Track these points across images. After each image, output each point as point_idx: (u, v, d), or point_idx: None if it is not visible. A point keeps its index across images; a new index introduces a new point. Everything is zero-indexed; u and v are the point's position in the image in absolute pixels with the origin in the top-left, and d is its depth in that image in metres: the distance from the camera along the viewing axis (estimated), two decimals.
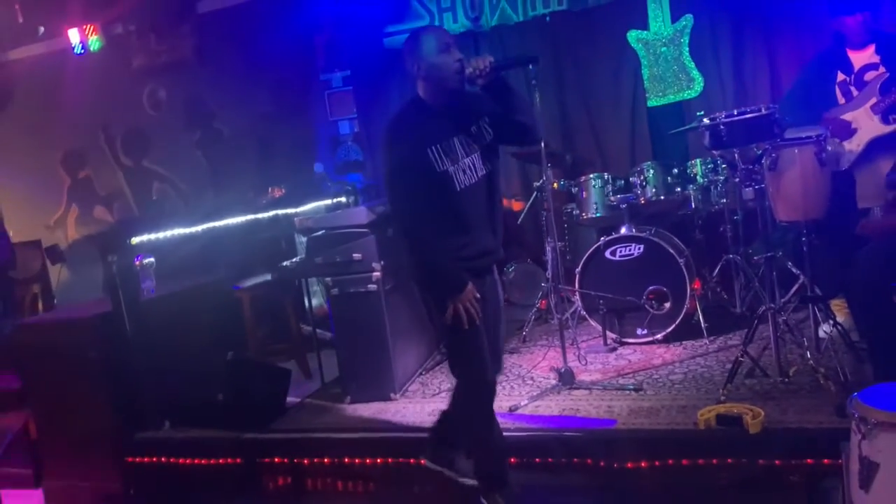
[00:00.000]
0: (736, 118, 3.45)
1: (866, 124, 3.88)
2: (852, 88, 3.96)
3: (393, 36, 6.49)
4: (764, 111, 3.43)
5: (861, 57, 3.96)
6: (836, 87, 4.01)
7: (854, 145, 3.93)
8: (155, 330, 4.41)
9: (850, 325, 3.76)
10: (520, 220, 5.69)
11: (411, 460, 3.62)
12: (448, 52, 2.73)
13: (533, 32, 5.98)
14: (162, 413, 4.36)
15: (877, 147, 3.86)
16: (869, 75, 3.93)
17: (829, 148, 3.57)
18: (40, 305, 6.98)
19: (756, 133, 3.45)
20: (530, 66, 3.15)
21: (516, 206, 6.21)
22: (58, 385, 4.40)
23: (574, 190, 4.99)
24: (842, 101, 4.00)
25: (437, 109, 2.80)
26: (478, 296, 2.82)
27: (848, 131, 3.92)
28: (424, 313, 2.96)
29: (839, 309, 4.05)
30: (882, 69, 3.88)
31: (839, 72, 4.01)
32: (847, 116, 3.93)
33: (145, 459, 4.18)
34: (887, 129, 3.79)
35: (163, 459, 4.15)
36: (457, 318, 2.76)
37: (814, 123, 3.95)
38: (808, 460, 3.00)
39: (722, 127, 3.45)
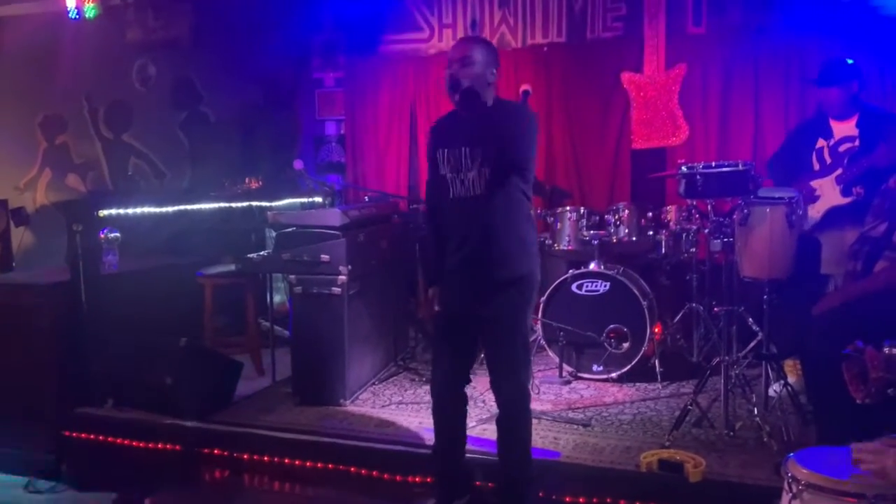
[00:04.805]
0: (713, 170, 3.51)
1: (828, 193, 3.97)
2: (827, 156, 4.05)
3: (390, 45, 6.52)
4: (741, 167, 3.49)
5: (842, 128, 4.03)
6: (814, 153, 4.09)
7: (815, 211, 4.02)
8: (111, 306, 4.35)
9: (801, 387, 3.81)
10: None
11: (352, 468, 3.59)
12: (449, 69, 2.89)
13: (528, 60, 6.03)
14: (106, 390, 4.30)
15: (836, 216, 3.94)
16: (844, 147, 4.01)
17: (800, 211, 3.64)
18: None
19: (730, 187, 3.52)
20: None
21: None
22: (2, 348, 4.31)
23: (549, 220, 5.02)
24: (816, 166, 4.08)
25: (463, 119, 2.95)
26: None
27: (812, 197, 4.02)
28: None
29: (792, 370, 4.10)
30: (857, 142, 3.97)
31: (820, 138, 4.08)
32: (815, 182, 4.03)
33: (83, 435, 4.11)
34: (844, 200, 3.90)
35: (101, 437, 4.08)
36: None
37: (787, 185, 4.02)
38: None
39: (698, 177, 3.51)
